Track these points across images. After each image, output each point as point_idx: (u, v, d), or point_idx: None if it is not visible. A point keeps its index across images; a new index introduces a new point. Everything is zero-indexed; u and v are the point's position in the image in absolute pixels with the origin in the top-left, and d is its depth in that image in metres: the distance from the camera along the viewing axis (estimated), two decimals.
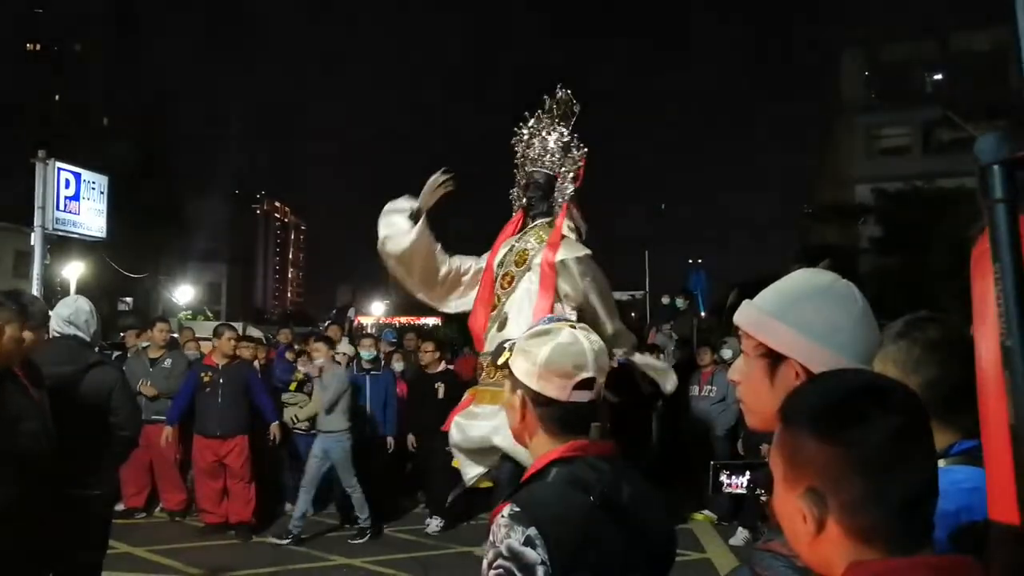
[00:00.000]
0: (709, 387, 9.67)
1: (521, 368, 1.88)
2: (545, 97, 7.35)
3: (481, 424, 6.80)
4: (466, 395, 7.27)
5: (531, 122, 7.37)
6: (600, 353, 1.89)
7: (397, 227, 7.20)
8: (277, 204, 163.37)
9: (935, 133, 33.58)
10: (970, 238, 1.15)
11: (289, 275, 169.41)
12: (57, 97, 56.64)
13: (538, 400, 1.85)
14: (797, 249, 30.14)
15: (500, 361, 1.99)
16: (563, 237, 7.13)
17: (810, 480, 1.10)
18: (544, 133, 7.31)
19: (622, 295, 40.09)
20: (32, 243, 14.84)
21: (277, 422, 8.79)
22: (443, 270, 7.55)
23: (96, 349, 5.34)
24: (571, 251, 7.02)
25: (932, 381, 1.71)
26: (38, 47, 61.01)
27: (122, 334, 12.99)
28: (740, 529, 8.37)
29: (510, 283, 7.15)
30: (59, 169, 15.21)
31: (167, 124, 56.01)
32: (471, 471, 7.10)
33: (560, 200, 7.32)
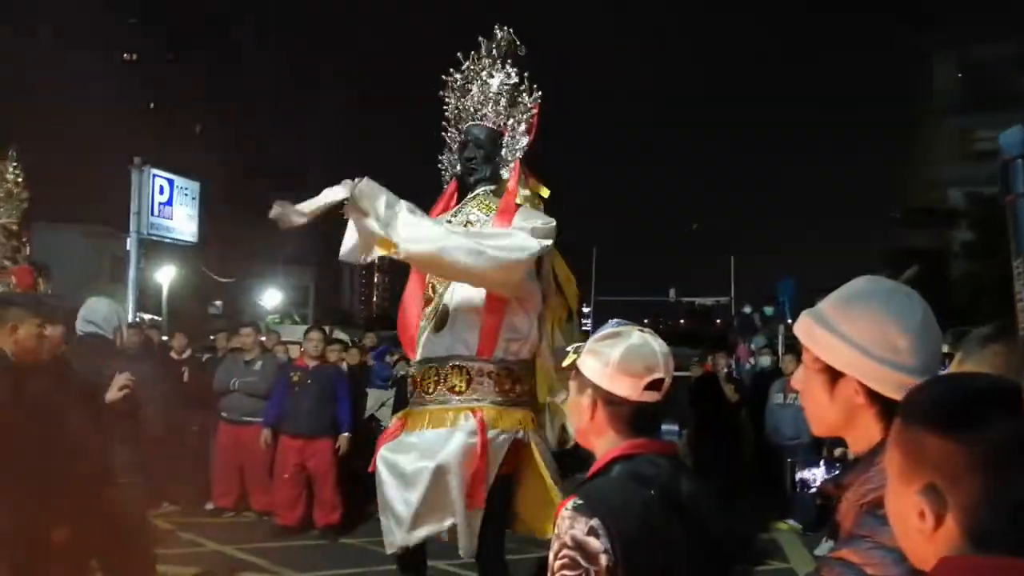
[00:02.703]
0: (794, 395, 9.48)
1: (592, 368, 1.95)
2: (481, 40, 5.64)
3: (415, 457, 4.94)
4: (394, 421, 5.51)
5: (466, 65, 5.62)
6: (669, 355, 1.97)
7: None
8: None
9: None
10: None
11: (375, 279, 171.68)
12: (152, 105, 58.33)
13: (609, 399, 1.93)
14: (884, 254, 29.40)
15: (565, 363, 2.04)
16: (518, 205, 5.39)
17: (929, 476, 1.11)
18: (484, 76, 5.61)
19: (706, 300, 39.65)
20: (128, 248, 15.36)
21: (348, 435, 8.76)
22: None
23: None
24: (529, 220, 5.19)
25: None
26: (135, 57, 62.92)
27: (212, 336, 13.35)
28: (825, 540, 8.20)
29: None
30: (153, 175, 15.72)
31: (259, 129, 57.22)
32: (404, 534, 4.91)
33: (510, 159, 5.59)
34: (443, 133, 5.74)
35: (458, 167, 5.58)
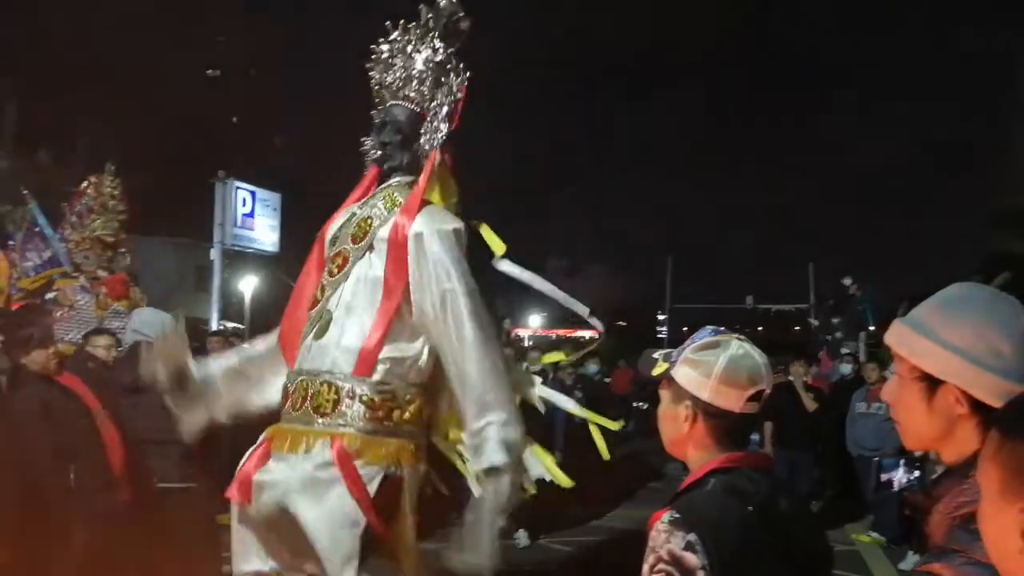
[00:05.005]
0: (877, 405, 9.29)
1: (692, 379, 1.91)
2: (422, 6, 4.84)
3: (276, 482, 4.13)
4: (265, 434, 4.47)
5: (394, 35, 4.81)
6: (769, 366, 1.93)
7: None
8: None
9: None
10: None
11: None
12: (234, 119, 59.77)
13: (710, 411, 1.89)
14: (981, 259, 28.51)
15: (654, 373, 1.99)
16: (426, 202, 4.63)
17: None
18: (410, 50, 4.81)
19: (784, 307, 38.97)
20: (212, 258, 15.80)
21: None
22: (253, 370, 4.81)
23: None
24: (435, 221, 4.46)
25: None
26: (219, 73, 64.65)
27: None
28: (911, 553, 8.01)
29: (341, 267, 4.61)
30: (236, 188, 16.15)
31: (338, 140, 58.32)
32: (243, 564, 4.24)
33: (427, 148, 4.79)
34: (371, 112, 4.97)
35: (377, 152, 4.81)
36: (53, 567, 4.18)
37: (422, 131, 4.76)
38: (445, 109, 4.75)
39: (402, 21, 4.73)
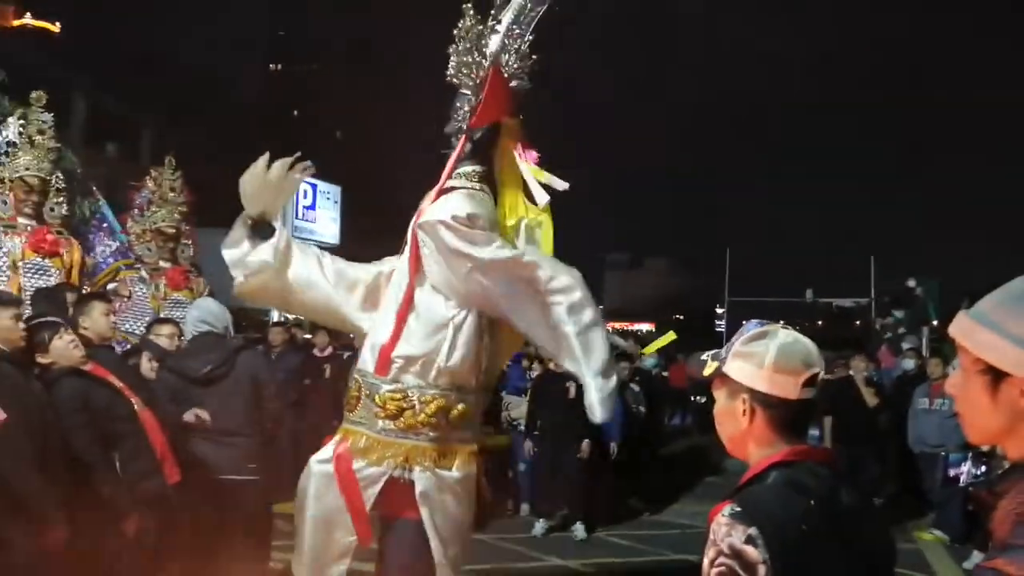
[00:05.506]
0: (940, 400, 9.12)
1: (745, 372, 1.89)
2: None
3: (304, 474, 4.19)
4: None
5: (467, 20, 4.28)
6: (818, 350, 1.91)
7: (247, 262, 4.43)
8: None
9: None
10: None
11: None
12: (296, 112, 60.55)
13: (768, 402, 1.87)
14: None
15: (706, 372, 1.98)
16: (448, 189, 4.27)
17: None
18: (480, 27, 4.28)
19: (844, 302, 38.35)
20: None
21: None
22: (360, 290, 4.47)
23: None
24: (440, 210, 4.12)
25: None
26: (279, 67, 65.71)
27: (353, 335, 13.72)
28: (975, 552, 7.85)
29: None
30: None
31: (397, 134, 58.87)
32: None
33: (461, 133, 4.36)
34: None
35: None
36: (106, 555, 4.25)
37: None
38: (470, 83, 4.30)
39: (468, 3, 4.30)
